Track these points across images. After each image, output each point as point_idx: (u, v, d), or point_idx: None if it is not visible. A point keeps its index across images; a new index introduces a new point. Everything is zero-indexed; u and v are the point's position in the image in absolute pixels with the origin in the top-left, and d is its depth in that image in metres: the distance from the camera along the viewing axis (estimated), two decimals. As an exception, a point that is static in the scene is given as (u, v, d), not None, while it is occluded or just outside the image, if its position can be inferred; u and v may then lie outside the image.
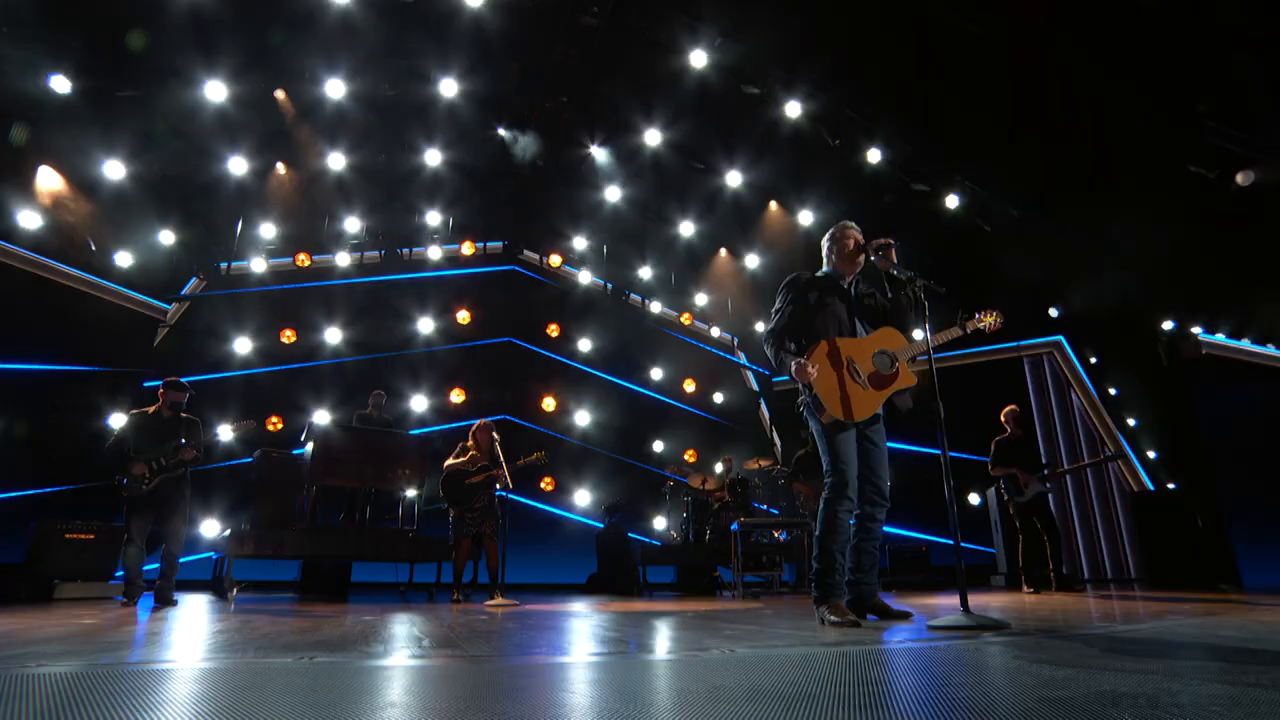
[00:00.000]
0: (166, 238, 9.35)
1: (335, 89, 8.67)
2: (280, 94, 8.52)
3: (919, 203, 10.11)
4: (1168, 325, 10.38)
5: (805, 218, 10.91)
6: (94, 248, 8.59)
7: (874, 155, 9.57)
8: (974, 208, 10.16)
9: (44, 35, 7.43)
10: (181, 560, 5.45)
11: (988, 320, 3.78)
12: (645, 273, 12.45)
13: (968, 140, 9.37)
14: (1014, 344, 11.12)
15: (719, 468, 9.67)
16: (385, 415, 7.91)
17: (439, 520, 6.93)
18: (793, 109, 9.24)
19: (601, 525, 9.53)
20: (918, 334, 3.72)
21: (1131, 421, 10.74)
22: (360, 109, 9.06)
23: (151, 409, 5.65)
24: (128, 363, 8.63)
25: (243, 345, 9.62)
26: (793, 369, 3.42)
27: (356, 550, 6.65)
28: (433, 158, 10.20)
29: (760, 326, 12.85)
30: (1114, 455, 7.42)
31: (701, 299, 12.55)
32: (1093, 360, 11.02)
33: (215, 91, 8.23)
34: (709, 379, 12.61)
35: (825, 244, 3.89)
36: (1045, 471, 6.74)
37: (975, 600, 5.24)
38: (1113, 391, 10.88)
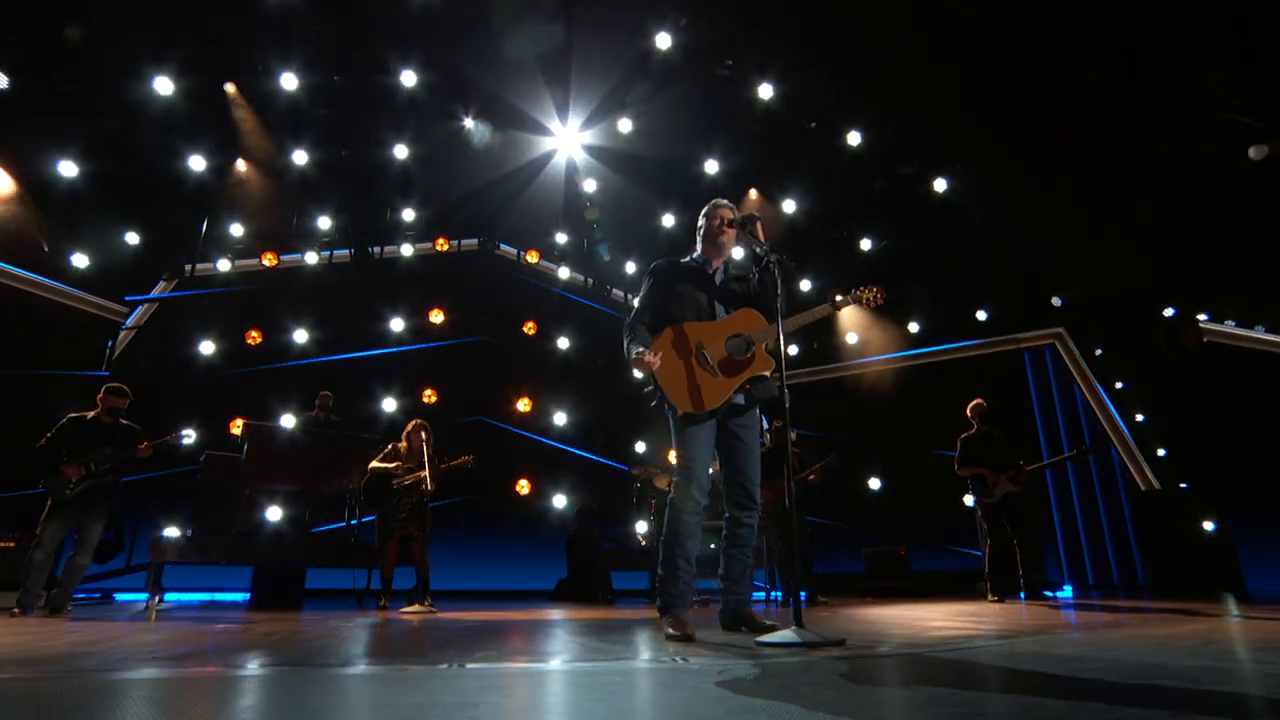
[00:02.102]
0: (128, 239, 9.18)
1: (289, 82, 8.42)
2: (230, 87, 8.28)
3: (904, 187, 9.60)
4: (1169, 312, 9.75)
5: (789, 206, 10.44)
6: (46, 249, 8.42)
7: (854, 138, 9.09)
8: (965, 192, 9.62)
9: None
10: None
11: (866, 295, 3.37)
12: (630, 268, 12.07)
13: (956, 123, 8.85)
14: (1013, 335, 10.55)
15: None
16: (333, 417, 7.61)
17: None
18: (765, 91, 8.79)
19: (572, 530, 9.18)
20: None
21: (1140, 417, 10.11)
22: (317, 102, 8.79)
23: (91, 413, 5.43)
24: (82, 365, 8.44)
25: (207, 347, 9.40)
26: (632, 358, 3.12)
27: (292, 555, 6.35)
28: (400, 151, 9.92)
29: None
30: (1088, 450, 6.81)
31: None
32: (1097, 353, 10.39)
33: (163, 86, 8.00)
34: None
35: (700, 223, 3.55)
36: (1014, 471, 6.22)
37: (929, 608, 4.82)
38: (1119, 385, 10.25)
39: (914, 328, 11.05)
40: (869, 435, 10.57)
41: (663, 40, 8.46)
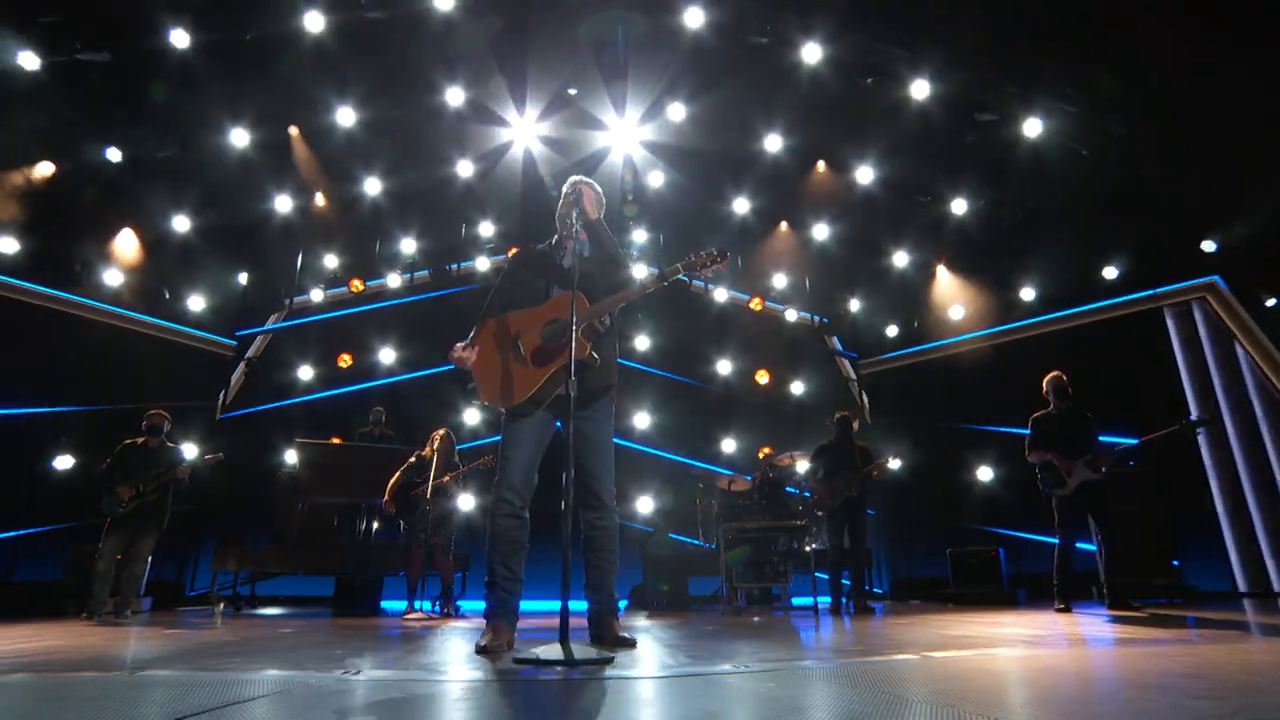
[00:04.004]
0: (235, 279, 10.19)
1: (347, 116, 8.92)
2: (294, 130, 8.91)
3: (990, 137, 8.44)
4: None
5: (863, 175, 9.54)
6: (168, 296, 9.52)
7: (919, 89, 8.10)
8: (1068, 131, 8.28)
9: (97, 110, 8.34)
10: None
11: (701, 262, 2.99)
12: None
13: (1041, 50, 7.64)
14: (1150, 292, 8.93)
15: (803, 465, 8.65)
16: (387, 431, 7.93)
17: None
18: (811, 54, 8.07)
19: (645, 535, 8.93)
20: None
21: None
22: (377, 130, 9.24)
23: (140, 440, 6.01)
24: (200, 397, 9.45)
25: (305, 373, 10.19)
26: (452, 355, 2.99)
27: (339, 565, 6.66)
28: (465, 168, 10.21)
29: (856, 304, 11.54)
30: (1195, 423, 5.35)
31: (779, 280, 11.47)
32: (1269, 302, 8.52)
33: (239, 137, 8.77)
34: (787, 367, 11.48)
35: None
36: (1091, 455, 5.14)
37: (972, 619, 3.95)
38: (1301, 340, 8.33)
39: (1027, 294, 9.69)
40: (977, 418, 9.39)
41: (693, 18, 8.03)
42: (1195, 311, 8.69)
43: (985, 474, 9.27)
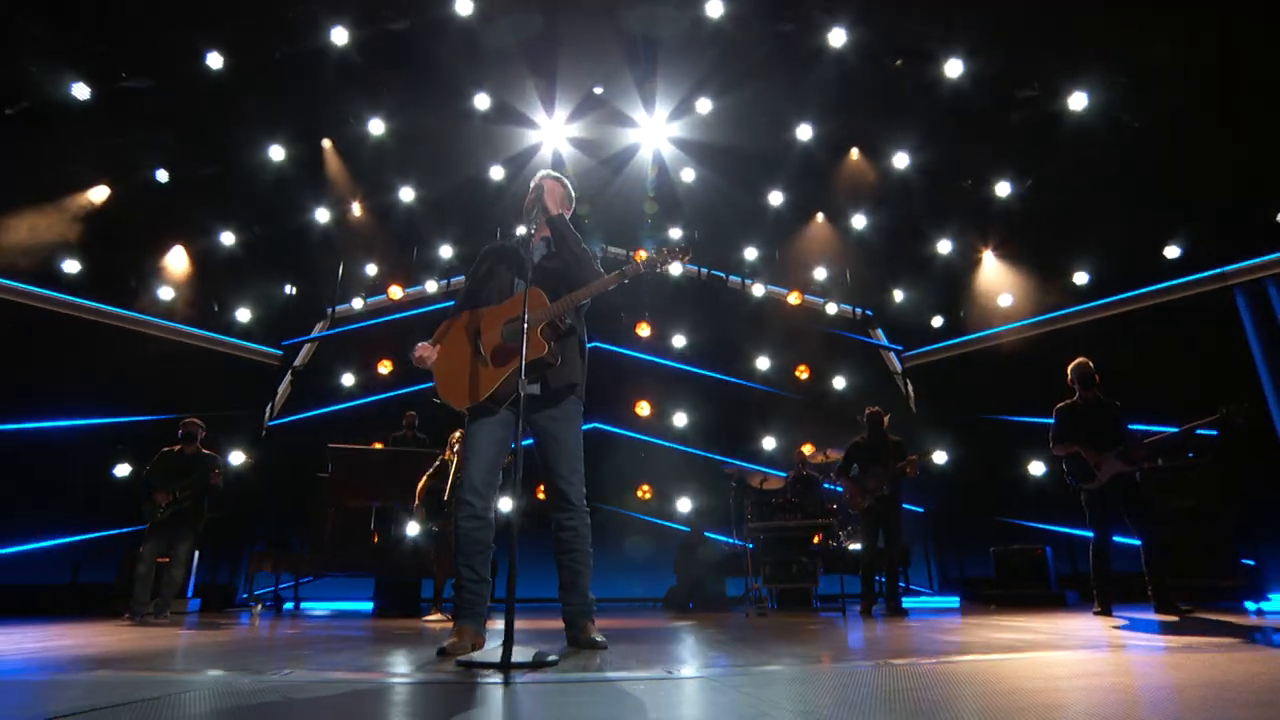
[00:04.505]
0: (280, 291, 10.53)
1: (377, 127, 9.10)
2: (327, 143, 9.14)
3: (1031, 113, 8.00)
4: None
5: (899, 160, 9.19)
6: (217, 308, 9.91)
7: (953, 68, 7.74)
8: (1117, 103, 7.78)
9: (145, 134, 8.74)
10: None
11: (661, 259, 2.98)
12: (750, 253, 11.41)
13: (1082, 17, 7.19)
14: (1218, 271, 8.31)
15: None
16: (419, 435, 8.03)
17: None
18: (836, 37, 7.81)
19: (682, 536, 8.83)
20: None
21: None
22: (408, 139, 9.40)
23: (176, 447, 6.24)
24: (247, 406, 9.80)
25: (348, 379, 10.45)
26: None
27: (371, 567, 6.78)
28: (497, 172, 10.29)
29: (899, 295, 11.12)
30: (1228, 413, 4.79)
31: (819, 273, 11.18)
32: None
33: (276, 152, 9.05)
34: (828, 362, 11.17)
35: None
36: (1123, 447, 4.77)
37: (1005, 622, 3.69)
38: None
39: (1081, 278, 9.15)
40: (1028, 410, 8.91)
41: (714, 8, 7.88)
42: (1270, 289, 8.04)
43: (1037, 468, 8.79)
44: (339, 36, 7.91)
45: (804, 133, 9.28)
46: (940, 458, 9.08)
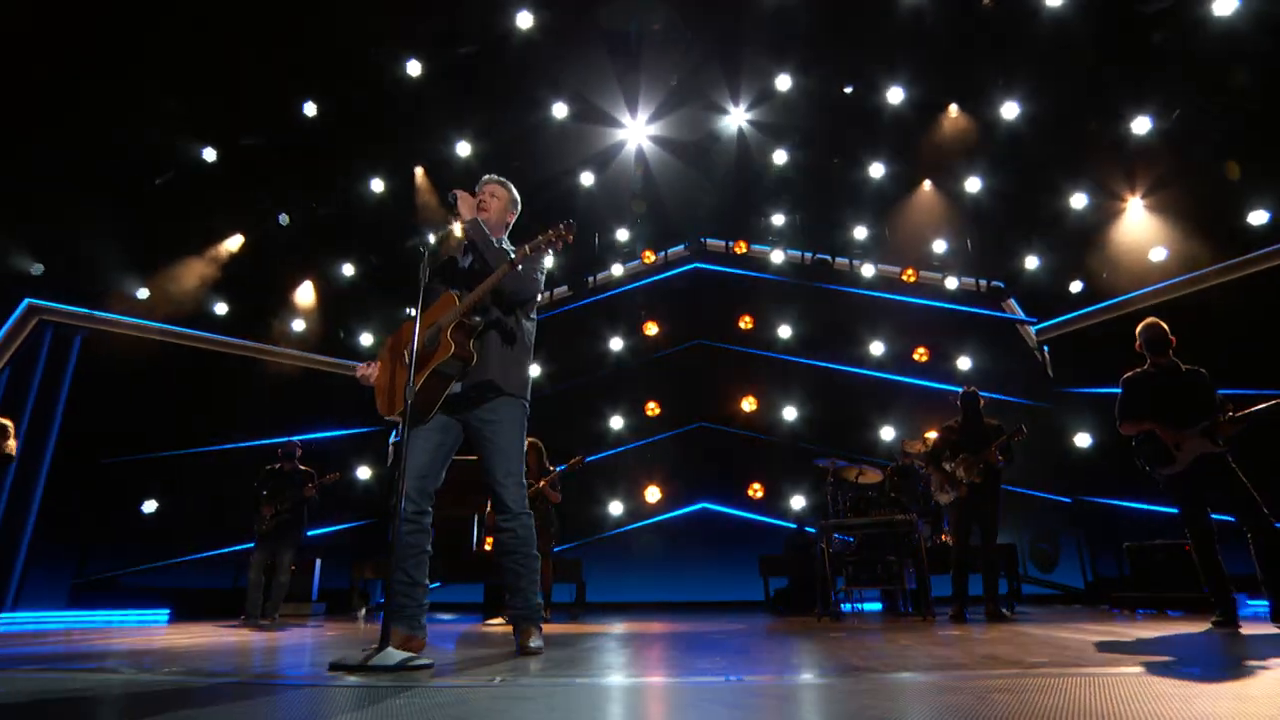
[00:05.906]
0: (402, 314, 11.23)
1: (464, 148, 9.47)
2: (419, 171, 9.62)
3: (1164, 31, 6.81)
4: None
5: (1008, 111, 8.19)
6: (343, 335, 10.76)
7: (1056, -4, 6.76)
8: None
9: (266, 184, 9.67)
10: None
11: (546, 239, 2.89)
12: (860, 233, 10.66)
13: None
14: None
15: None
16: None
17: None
18: (914, -17, 7.09)
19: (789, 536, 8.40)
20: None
21: None
22: (494, 156, 9.69)
23: (278, 465, 6.81)
24: (375, 424, 10.54)
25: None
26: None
27: (462, 573, 7.05)
28: (586, 179, 10.39)
29: (1032, 262, 9.93)
30: None
31: (938, 246, 10.25)
32: None
33: (376, 185, 9.68)
34: (951, 341, 10.21)
35: None
36: (1208, 423, 3.86)
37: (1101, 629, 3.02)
38: None
39: (1258, 218, 7.67)
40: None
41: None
42: None
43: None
44: (413, 69, 8.29)
45: (894, 95, 8.52)
46: (1084, 440, 8.00)
